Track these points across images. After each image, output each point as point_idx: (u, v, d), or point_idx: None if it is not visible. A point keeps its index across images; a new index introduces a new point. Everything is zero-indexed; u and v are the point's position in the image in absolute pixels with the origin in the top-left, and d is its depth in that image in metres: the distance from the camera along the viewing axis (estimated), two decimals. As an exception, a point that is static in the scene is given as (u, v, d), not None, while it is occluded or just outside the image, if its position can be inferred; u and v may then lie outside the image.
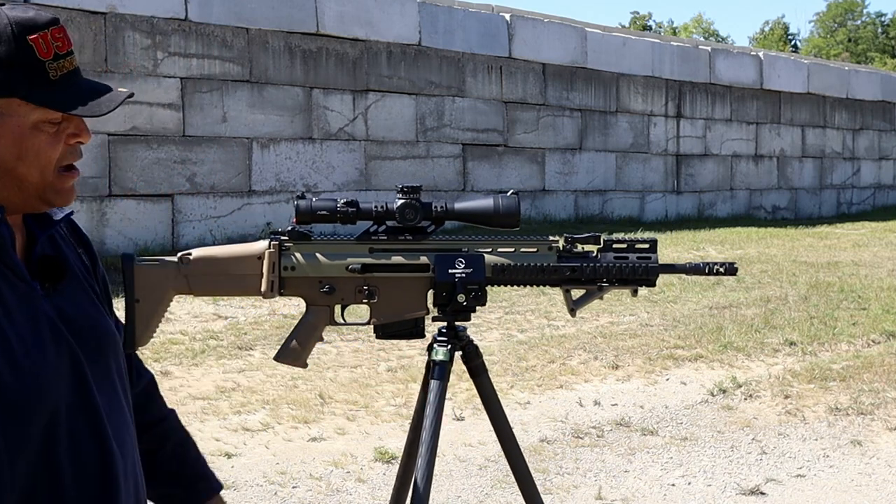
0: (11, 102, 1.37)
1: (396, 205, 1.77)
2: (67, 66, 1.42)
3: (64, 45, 1.43)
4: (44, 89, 1.38)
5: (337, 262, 1.78)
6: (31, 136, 1.39)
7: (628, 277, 1.81)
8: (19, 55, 1.36)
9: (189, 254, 1.75)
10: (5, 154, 1.38)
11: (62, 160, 1.43)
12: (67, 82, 1.42)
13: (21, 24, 1.38)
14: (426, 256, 1.79)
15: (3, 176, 1.40)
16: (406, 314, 1.80)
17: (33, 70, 1.37)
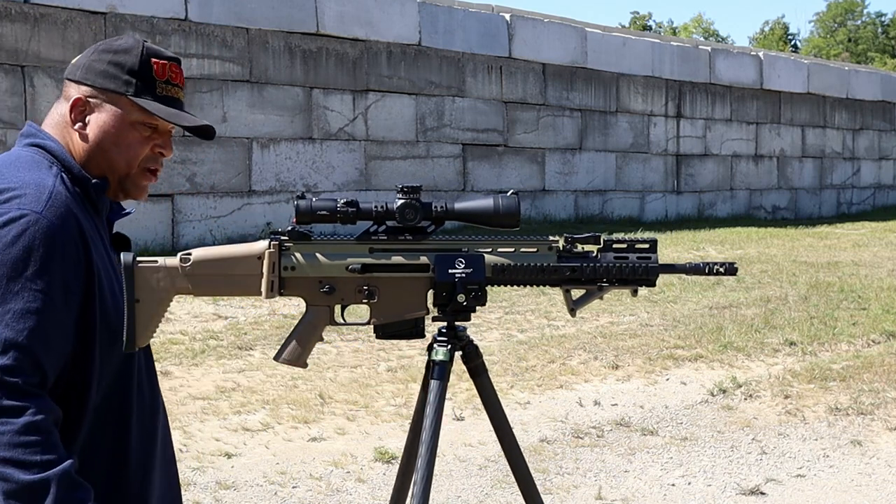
0: (122, 98, 1.74)
1: (396, 205, 1.77)
2: (173, 93, 1.79)
3: (176, 78, 1.80)
4: (148, 98, 1.75)
5: (337, 262, 1.77)
6: (128, 130, 1.75)
7: (628, 277, 1.81)
8: (140, 68, 1.75)
9: (189, 254, 1.75)
10: (106, 137, 1.74)
11: (146, 161, 1.78)
12: (168, 102, 1.77)
13: (151, 49, 1.78)
14: (426, 256, 1.78)
15: (98, 155, 1.75)
16: (406, 314, 1.80)
17: (146, 82, 1.75)
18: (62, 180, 1.70)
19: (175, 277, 1.73)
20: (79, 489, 1.57)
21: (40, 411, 1.56)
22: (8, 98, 9.34)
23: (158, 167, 1.81)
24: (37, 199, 1.63)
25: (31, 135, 1.78)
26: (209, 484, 4.21)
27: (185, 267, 1.74)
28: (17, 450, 1.53)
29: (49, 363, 1.60)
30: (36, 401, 1.56)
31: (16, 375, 1.55)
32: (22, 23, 9.42)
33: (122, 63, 1.75)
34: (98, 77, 1.75)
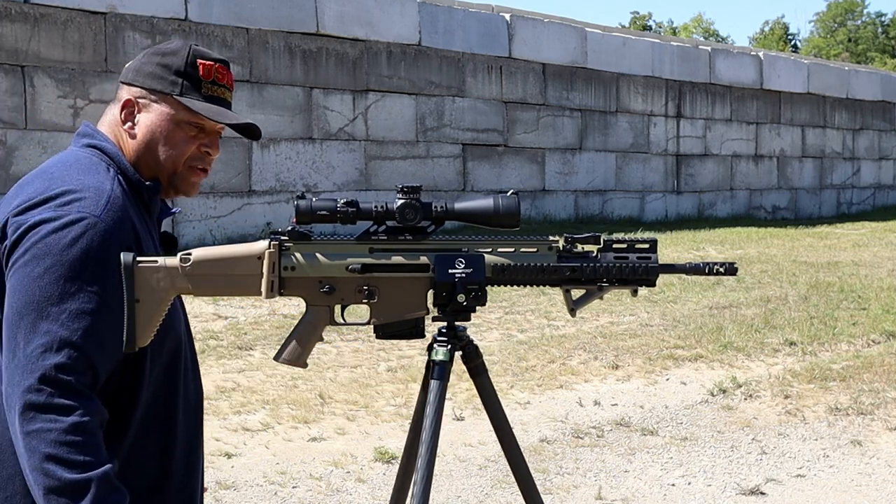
0: (169, 98, 1.80)
1: (396, 205, 1.77)
2: (219, 93, 1.86)
3: (223, 78, 1.87)
4: (193, 98, 1.81)
5: (337, 262, 1.77)
6: (174, 128, 1.80)
7: (628, 277, 1.81)
8: (187, 69, 1.81)
9: (189, 254, 1.75)
10: (154, 136, 1.80)
11: (192, 160, 1.83)
12: (214, 102, 1.84)
13: (198, 51, 1.84)
14: (426, 256, 1.78)
15: (146, 154, 1.81)
16: (406, 314, 1.80)
17: (193, 82, 1.82)
18: (119, 183, 1.75)
19: (175, 277, 1.73)
20: (116, 492, 1.60)
21: (88, 412, 1.59)
22: (8, 98, 9.34)
23: (206, 166, 1.86)
24: (96, 202, 1.67)
25: (88, 135, 1.84)
26: (209, 484, 4.21)
27: (185, 267, 1.74)
28: (62, 448, 1.56)
29: (102, 363, 1.65)
30: (85, 401, 1.60)
31: (69, 374, 1.59)
32: (22, 23, 9.42)
33: (170, 64, 1.81)
34: (147, 78, 1.82)
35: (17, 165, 9.38)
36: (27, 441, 1.58)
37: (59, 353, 1.60)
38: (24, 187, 1.75)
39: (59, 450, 1.56)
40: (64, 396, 1.58)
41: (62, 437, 1.57)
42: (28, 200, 1.69)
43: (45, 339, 1.61)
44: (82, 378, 1.61)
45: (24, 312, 1.62)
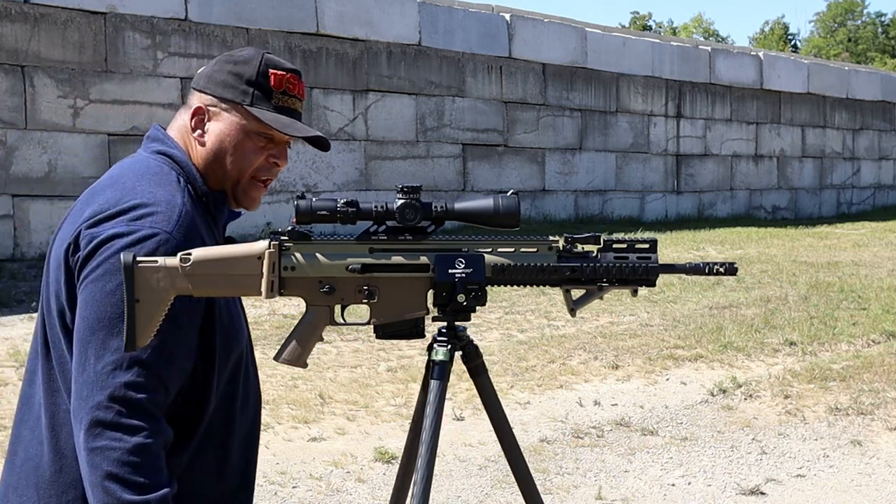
0: (239, 108, 1.80)
1: (396, 205, 1.76)
2: (289, 104, 1.83)
3: (294, 89, 1.84)
4: (263, 108, 1.80)
5: (337, 262, 1.77)
6: (243, 138, 1.80)
7: (628, 277, 1.80)
8: (258, 78, 1.80)
9: (189, 254, 1.75)
10: (222, 145, 1.80)
11: (259, 171, 1.83)
12: (284, 112, 1.81)
13: (270, 61, 1.83)
14: (426, 256, 1.78)
15: (215, 161, 1.81)
16: (406, 314, 1.80)
17: (263, 92, 1.80)
18: (188, 193, 1.76)
19: (175, 277, 1.73)
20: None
21: (153, 433, 1.61)
22: (8, 98, 9.34)
23: (271, 177, 1.85)
24: (168, 217, 1.69)
25: (158, 140, 1.85)
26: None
27: (185, 267, 1.73)
28: (124, 468, 1.58)
29: (171, 381, 1.67)
30: (152, 422, 1.62)
31: (138, 392, 1.61)
32: (22, 23, 9.42)
33: (241, 73, 1.81)
34: (218, 86, 1.81)
35: (17, 165, 9.38)
36: (91, 457, 1.60)
37: (129, 371, 1.62)
38: (96, 195, 1.76)
39: (121, 469, 1.58)
40: (131, 416, 1.60)
41: (125, 458, 1.58)
42: (100, 212, 1.70)
43: (116, 357, 1.63)
44: (152, 397, 1.63)
45: (96, 328, 1.65)
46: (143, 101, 10.21)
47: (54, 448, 1.75)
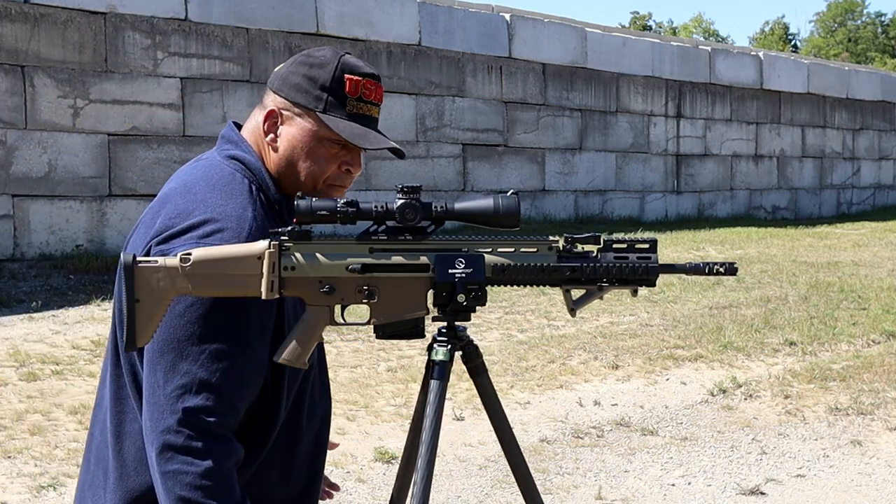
0: (312, 114, 1.77)
1: (396, 205, 1.76)
2: (364, 111, 1.78)
3: (370, 94, 1.78)
4: (337, 115, 1.76)
5: (337, 262, 1.77)
6: (316, 145, 1.77)
7: (628, 277, 1.80)
8: (333, 84, 1.76)
9: (189, 254, 1.74)
10: (294, 150, 1.78)
11: (333, 178, 1.80)
12: (358, 120, 1.77)
13: (346, 65, 1.78)
14: (426, 256, 1.78)
15: (288, 167, 1.79)
16: (406, 314, 1.80)
17: (338, 98, 1.76)
18: (259, 202, 1.75)
19: (175, 277, 1.73)
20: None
21: (224, 456, 1.63)
22: (8, 98, 9.34)
23: (346, 184, 1.82)
24: (237, 235, 1.69)
25: (233, 142, 1.83)
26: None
27: (185, 267, 1.73)
28: (196, 492, 1.60)
29: (241, 401, 1.68)
30: (222, 444, 1.63)
31: (208, 416, 1.62)
32: (22, 23, 9.42)
33: (316, 78, 1.77)
34: (292, 90, 1.78)
35: (17, 165, 9.38)
36: (164, 481, 1.61)
37: (199, 395, 1.62)
38: (167, 202, 1.76)
39: (194, 493, 1.59)
40: (201, 440, 1.60)
41: (197, 482, 1.59)
42: (171, 227, 1.72)
43: (185, 380, 1.63)
44: (221, 420, 1.63)
45: (165, 350, 1.65)
46: (143, 101, 10.21)
47: (117, 455, 1.76)
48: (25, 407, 5.19)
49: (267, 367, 1.75)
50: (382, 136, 1.81)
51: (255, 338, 1.71)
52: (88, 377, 5.79)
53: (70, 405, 5.22)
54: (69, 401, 5.31)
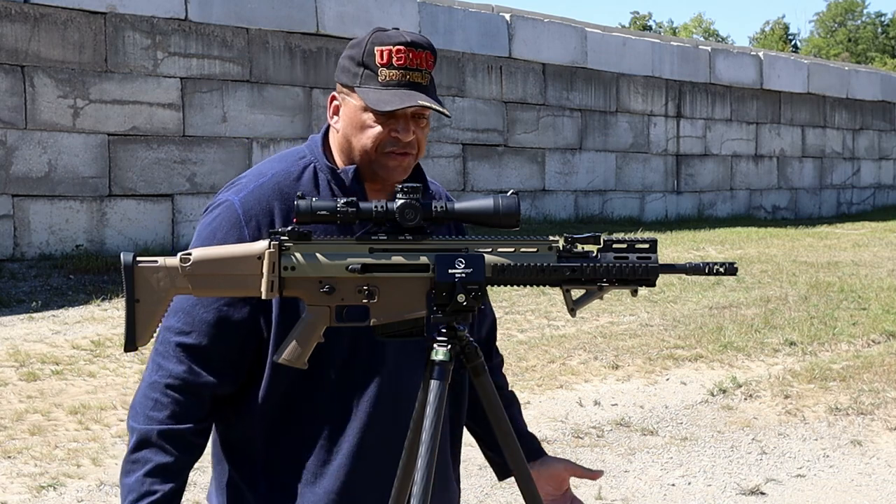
0: (355, 90, 1.84)
1: (396, 205, 1.76)
2: (397, 77, 1.82)
3: (403, 60, 1.82)
4: (370, 86, 1.82)
5: (337, 262, 1.77)
6: (362, 118, 1.84)
7: (628, 277, 1.80)
8: (365, 58, 1.84)
9: (189, 254, 1.75)
10: (347, 128, 1.87)
11: (385, 146, 1.85)
12: (392, 85, 1.82)
13: (377, 38, 1.84)
14: (426, 256, 1.78)
15: (347, 143, 1.88)
16: (406, 314, 1.80)
17: (371, 70, 1.83)
18: (310, 170, 1.90)
19: (175, 277, 1.73)
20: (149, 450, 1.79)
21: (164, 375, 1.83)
22: (8, 98, 9.34)
23: (403, 149, 1.86)
24: (245, 186, 1.88)
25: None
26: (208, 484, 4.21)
27: (185, 267, 1.73)
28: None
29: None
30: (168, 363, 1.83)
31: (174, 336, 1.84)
32: (22, 23, 9.42)
33: (354, 56, 1.86)
34: (340, 73, 1.89)
35: (17, 165, 9.38)
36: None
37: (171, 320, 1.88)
38: None
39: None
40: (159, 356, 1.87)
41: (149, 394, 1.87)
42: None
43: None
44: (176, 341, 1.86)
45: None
46: (143, 101, 10.21)
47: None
48: (25, 407, 5.19)
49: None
50: (419, 98, 1.82)
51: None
52: (88, 377, 5.79)
53: (70, 405, 5.22)
54: (69, 401, 5.31)
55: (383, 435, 1.92)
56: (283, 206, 1.86)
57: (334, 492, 1.89)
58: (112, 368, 5.98)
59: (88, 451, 4.62)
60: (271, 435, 1.89)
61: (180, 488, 1.81)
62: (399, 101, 1.80)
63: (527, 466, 1.91)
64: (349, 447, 1.90)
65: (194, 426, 1.82)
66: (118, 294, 7.80)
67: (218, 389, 1.84)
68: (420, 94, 1.83)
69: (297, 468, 1.89)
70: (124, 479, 1.80)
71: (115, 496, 4.17)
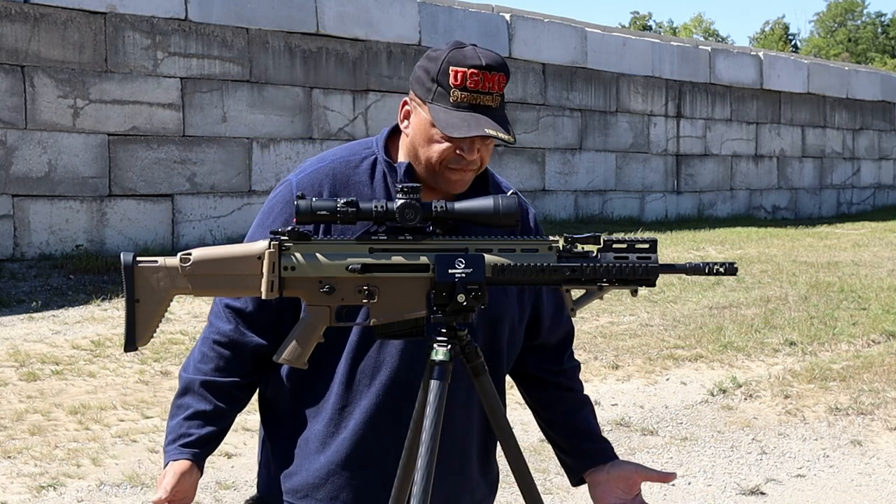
0: (425, 104, 1.90)
1: (396, 205, 1.76)
2: (469, 100, 1.86)
3: (477, 85, 1.86)
4: (441, 105, 1.87)
5: (337, 262, 1.77)
6: (430, 132, 1.89)
7: (628, 277, 1.80)
8: (439, 76, 1.88)
9: (189, 254, 1.75)
10: (415, 137, 1.92)
11: (447, 161, 1.89)
12: (463, 108, 1.86)
13: (454, 58, 1.88)
14: (426, 256, 1.78)
15: (413, 150, 1.93)
16: (406, 314, 1.80)
17: (444, 88, 1.87)
18: (368, 161, 1.99)
19: (175, 277, 1.73)
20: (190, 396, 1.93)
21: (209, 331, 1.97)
22: (8, 98, 9.34)
23: (465, 167, 1.91)
24: (304, 169, 2.00)
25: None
26: (209, 484, 4.21)
27: (185, 267, 1.74)
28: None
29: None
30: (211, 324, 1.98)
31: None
32: (22, 23, 9.42)
33: (429, 70, 1.90)
34: (414, 82, 1.94)
35: (17, 165, 9.38)
36: None
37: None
38: None
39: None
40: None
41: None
42: None
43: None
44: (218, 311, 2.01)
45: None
46: (143, 101, 10.21)
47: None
48: (25, 407, 5.19)
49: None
50: (487, 124, 1.85)
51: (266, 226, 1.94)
52: (88, 377, 5.79)
53: (70, 405, 5.22)
54: (69, 401, 5.31)
55: (391, 414, 1.95)
56: (331, 189, 1.93)
57: (336, 463, 1.95)
58: (112, 368, 5.98)
59: (88, 451, 4.62)
60: (295, 396, 1.97)
61: (217, 435, 1.92)
62: (467, 129, 1.84)
63: (527, 467, 1.90)
64: (357, 421, 1.94)
65: (236, 380, 1.93)
66: (118, 294, 7.80)
67: (260, 349, 1.93)
68: (488, 119, 1.87)
69: (310, 434, 1.96)
70: (168, 422, 1.93)
71: (115, 496, 4.17)
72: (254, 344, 1.93)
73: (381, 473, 1.93)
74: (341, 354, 1.93)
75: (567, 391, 2.17)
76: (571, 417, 2.14)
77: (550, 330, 2.16)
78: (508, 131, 1.88)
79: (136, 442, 4.79)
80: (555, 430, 2.15)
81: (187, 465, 1.87)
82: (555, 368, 2.16)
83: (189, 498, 1.90)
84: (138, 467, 4.43)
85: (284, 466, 1.98)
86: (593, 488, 2.13)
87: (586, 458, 2.12)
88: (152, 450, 4.64)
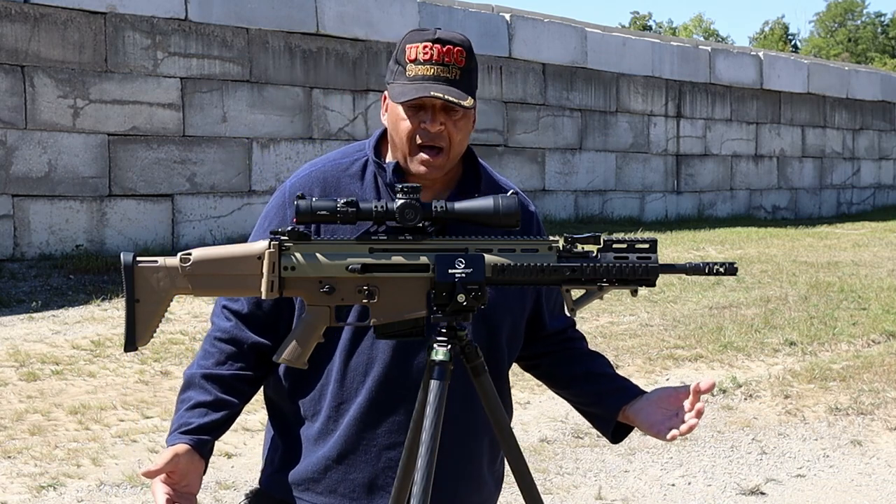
0: (388, 85, 1.93)
1: (396, 205, 1.76)
2: (421, 72, 1.87)
3: (431, 57, 1.87)
4: (399, 82, 1.89)
5: (337, 262, 1.77)
6: (396, 112, 1.90)
7: (628, 277, 1.80)
8: (398, 56, 1.91)
9: (189, 254, 1.75)
10: (389, 122, 1.94)
11: (412, 136, 1.89)
12: (417, 80, 1.86)
13: (411, 37, 1.92)
14: (426, 256, 1.78)
15: (391, 141, 1.96)
16: (406, 314, 1.80)
17: (400, 66, 1.90)
18: (359, 162, 2.00)
19: (175, 277, 1.73)
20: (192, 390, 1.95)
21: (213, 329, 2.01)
22: (8, 98, 9.34)
23: (428, 141, 1.88)
24: (298, 174, 2.04)
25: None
26: (209, 484, 4.21)
27: (185, 267, 1.74)
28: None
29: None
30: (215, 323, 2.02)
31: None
32: (22, 23, 9.42)
33: (393, 55, 1.95)
34: (386, 74, 1.99)
35: (17, 165, 9.38)
36: None
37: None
38: None
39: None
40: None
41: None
42: None
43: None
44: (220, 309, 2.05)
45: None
46: (143, 101, 10.20)
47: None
48: (25, 407, 5.19)
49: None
50: (435, 89, 1.84)
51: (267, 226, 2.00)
52: (88, 377, 5.79)
53: (70, 405, 5.22)
54: (69, 401, 5.31)
55: (385, 409, 1.96)
56: (321, 193, 1.95)
57: (333, 457, 1.97)
58: (112, 368, 5.98)
59: (88, 451, 4.62)
60: (293, 394, 2.00)
61: (218, 424, 1.93)
62: (414, 92, 1.84)
63: (526, 464, 1.90)
64: (351, 417, 1.95)
65: (236, 372, 1.95)
66: (118, 294, 7.80)
67: (261, 345, 1.96)
68: (440, 85, 1.85)
69: (309, 431, 1.99)
70: (173, 417, 1.95)
71: (115, 496, 4.17)
72: (252, 340, 1.96)
73: (378, 468, 1.96)
74: (334, 352, 1.95)
75: (577, 348, 2.19)
76: (588, 365, 2.14)
77: (552, 324, 2.18)
78: (466, 98, 1.85)
79: (136, 442, 4.79)
80: (576, 385, 2.13)
81: (184, 448, 1.86)
82: (560, 338, 2.18)
83: (192, 484, 1.88)
84: (138, 467, 4.43)
85: (286, 461, 2.00)
86: (636, 417, 2.18)
87: (612, 395, 2.12)
88: (152, 450, 4.64)
